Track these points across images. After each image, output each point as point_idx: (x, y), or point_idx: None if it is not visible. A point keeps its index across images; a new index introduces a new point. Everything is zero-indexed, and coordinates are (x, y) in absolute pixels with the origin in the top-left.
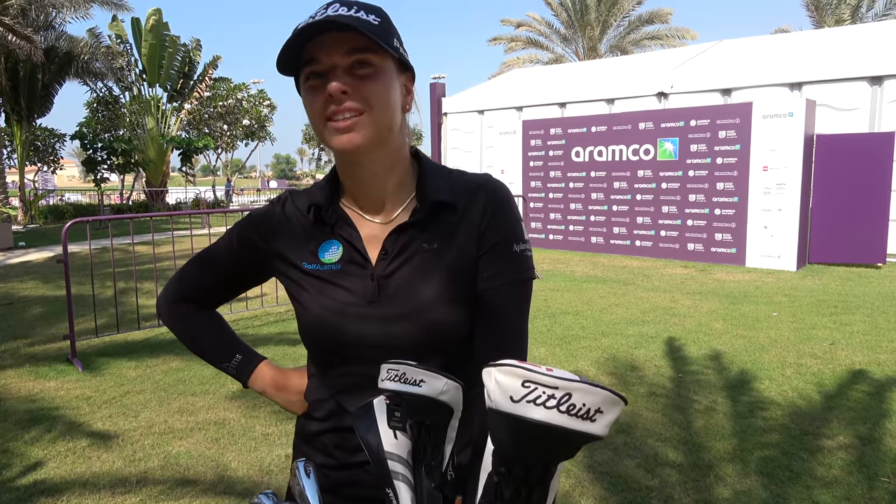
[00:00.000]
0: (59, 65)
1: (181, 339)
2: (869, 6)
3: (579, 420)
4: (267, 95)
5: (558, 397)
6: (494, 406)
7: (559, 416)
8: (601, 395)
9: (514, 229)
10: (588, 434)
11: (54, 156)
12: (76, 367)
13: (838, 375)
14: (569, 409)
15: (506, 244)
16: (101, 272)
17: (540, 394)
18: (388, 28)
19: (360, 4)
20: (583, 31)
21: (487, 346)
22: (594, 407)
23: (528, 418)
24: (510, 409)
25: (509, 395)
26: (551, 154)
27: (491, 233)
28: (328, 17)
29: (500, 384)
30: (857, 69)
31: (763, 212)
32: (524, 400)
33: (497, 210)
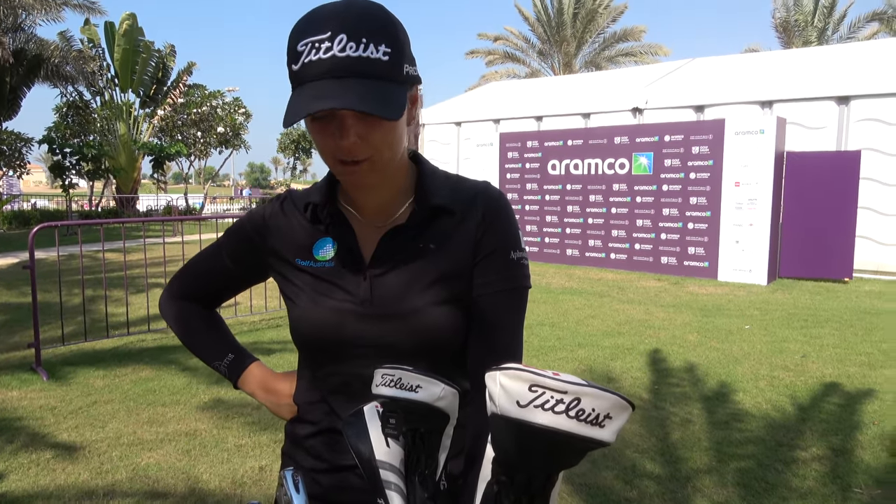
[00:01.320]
0: (27, 67)
1: (178, 336)
2: (834, 29)
3: (588, 426)
4: (242, 103)
5: (567, 402)
6: (499, 411)
7: (567, 422)
8: (610, 400)
9: (512, 237)
10: (596, 440)
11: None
12: (41, 377)
13: (810, 387)
14: (578, 414)
15: (503, 251)
16: (68, 279)
17: (548, 398)
18: (399, 53)
19: (369, 31)
20: (559, 47)
21: (481, 354)
22: (603, 412)
23: (536, 424)
24: (517, 414)
25: (516, 399)
26: (528, 167)
27: (488, 239)
28: (335, 58)
29: (506, 388)
30: (825, 89)
31: (735, 226)
32: (531, 405)
33: (495, 217)
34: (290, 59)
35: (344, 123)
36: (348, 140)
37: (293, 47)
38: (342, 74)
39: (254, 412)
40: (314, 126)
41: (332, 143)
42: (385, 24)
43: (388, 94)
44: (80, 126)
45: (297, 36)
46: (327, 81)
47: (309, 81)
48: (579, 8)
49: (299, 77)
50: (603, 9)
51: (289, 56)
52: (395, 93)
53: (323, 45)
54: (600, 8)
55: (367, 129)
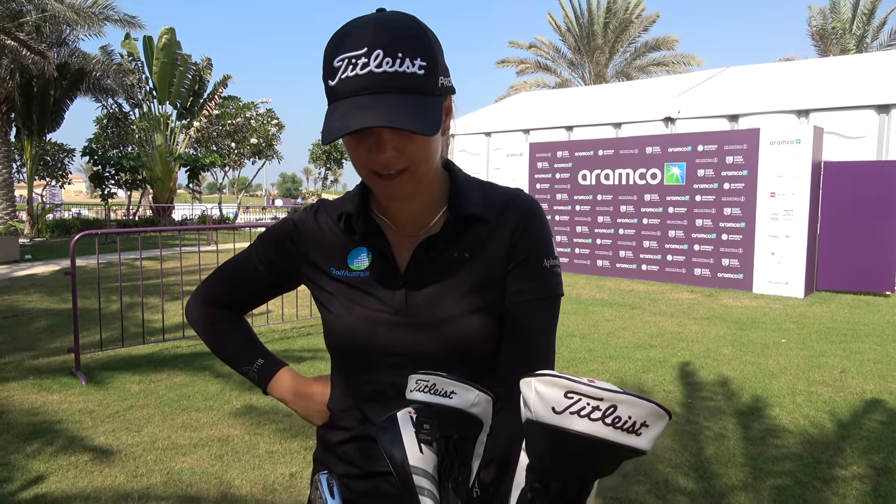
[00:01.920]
0: (71, 81)
1: (206, 342)
2: (874, 36)
3: (624, 433)
4: (275, 115)
5: (603, 409)
6: (534, 417)
7: (604, 429)
8: (647, 408)
9: (545, 245)
10: (633, 448)
11: (63, 170)
12: (80, 381)
13: (850, 404)
14: (614, 421)
15: (536, 259)
16: (107, 286)
17: (584, 405)
18: (434, 65)
19: (405, 45)
20: (590, 57)
21: (513, 362)
22: (640, 420)
23: (572, 430)
24: (552, 420)
25: (551, 406)
26: (558, 177)
27: (521, 247)
28: (372, 73)
29: (542, 395)
30: (864, 97)
31: (770, 238)
32: (567, 411)
33: (529, 225)
34: (326, 74)
35: (381, 138)
36: (385, 154)
37: (329, 63)
38: (379, 90)
39: (285, 419)
40: (350, 140)
41: (368, 157)
42: (419, 37)
43: (425, 109)
44: (120, 137)
45: (333, 51)
46: (365, 97)
47: (346, 97)
48: (610, 17)
49: (336, 92)
50: (635, 18)
51: (325, 72)
52: (431, 106)
53: (360, 60)
54: (632, 17)
55: (404, 143)
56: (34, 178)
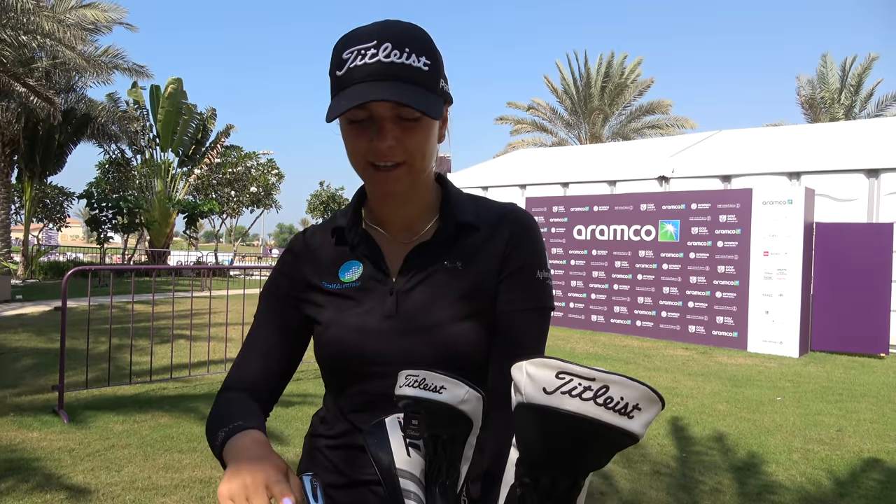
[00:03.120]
0: (76, 126)
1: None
2: (861, 107)
3: (616, 415)
4: (276, 164)
5: (595, 389)
6: (525, 399)
7: (595, 409)
8: (640, 391)
9: (538, 256)
10: (625, 431)
11: (61, 213)
12: (62, 419)
13: (848, 462)
14: (606, 401)
15: (529, 270)
16: (96, 328)
17: (575, 385)
18: (437, 68)
19: (412, 43)
20: (586, 119)
21: (503, 372)
22: (632, 402)
23: (563, 409)
24: (543, 400)
25: (542, 386)
26: (553, 231)
27: (515, 257)
28: (380, 62)
29: (533, 376)
30: (854, 162)
31: (764, 297)
32: (558, 391)
33: (523, 236)
34: (334, 67)
35: (383, 126)
36: (385, 142)
37: (338, 56)
38: (386, 77)
39: None
40: (351, 129)
41: (368, 146)
42: (426, 39)
43: (429, 98)
44: (120, 182)
45: (343, 46)
46: (372, 83)
47: (353, 84)
48: (607, 81)
49: (343, 81)
50: (630, 83)
51: (333, 65)
52: (433, 99)
53: (369, 51)
54: (628, 82)
55: (404, 134)
56: (32, 220)
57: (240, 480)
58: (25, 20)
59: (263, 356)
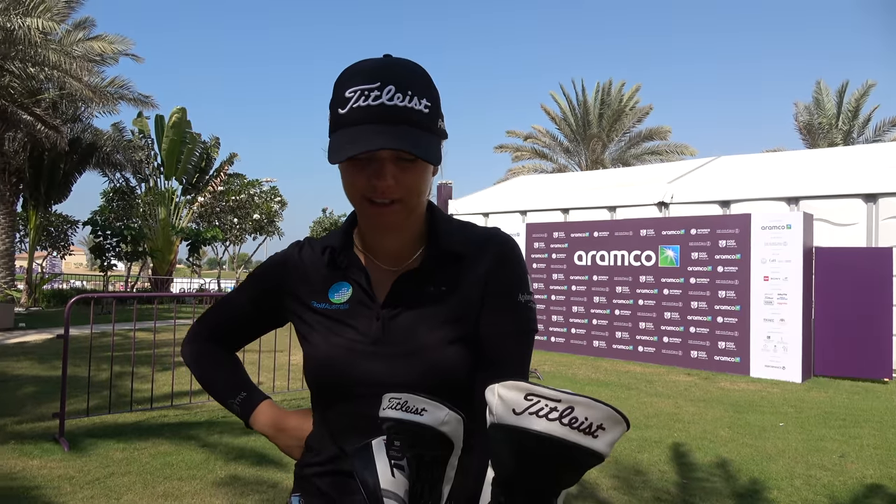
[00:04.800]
0: (81, 155)
1: (196, 377)
2: (860, 132)
3: (581, 434)
4: (279, 192)
5: (560, 409)
6: (496, 420)
7: (561, 429)
8: (603, 411)
9: (520, 280)
10: (589, 450)
11: (65, 241)
12: (62, 447)
13: (850, 488)
14: (571, 422)
15: (511, 294)
16: (98, 355)
17: (542, 406)
18: (436, 108)
19: (414, 85)
20: (586, 145)
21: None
22: (596, 422)
23: (530, 430)
24: (513, 421)
25: (512, 407)
26: (554, 257)
27: (496, 281)
28: (384, 105)
29: (504, 398)
30: (852, 187)
31: (765, 321)
32: (526, 412)
33: (504, 260)
34: (335, 103)
35: (383, 166)
36: (385, 182)
37: (340, 93)
38: (389, 121)
39: (269, 490)
40: (350, 166)
41: (366, 183)
42: (426, 81)
43: (430, 142)
44: (124, 210)
45: (345, 83)
46: (376, 126)
47: (355, 124)
48: (605, 108)
49: (345, 119)
50: (629, 110)
51: (334, 101)
52: (432, 141)
53: (372, 93)
54: (626, 109)
55: (402, 173)
56: (36, 248)
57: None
58: (33, 52)
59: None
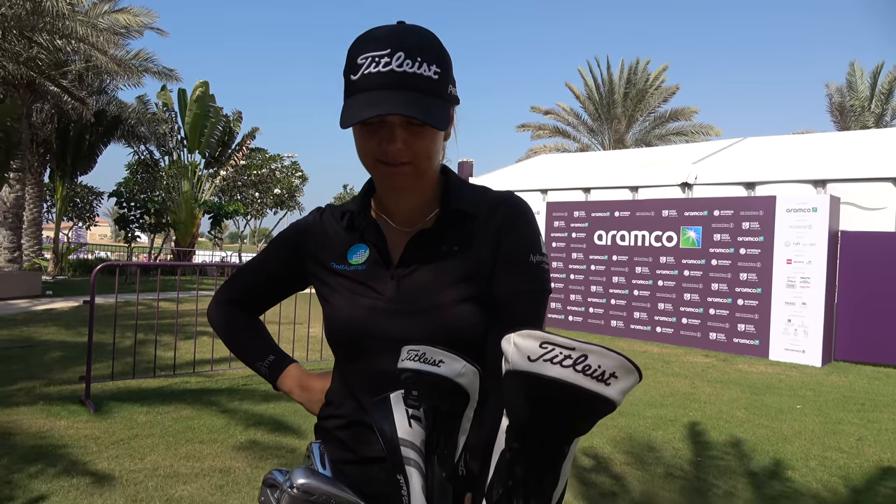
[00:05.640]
0: (106, 127)
1: (223, 339)
2: (893, 115)
3: (594, 381)
4: (300, 167)
5: (574, 357)
6: (512, 367)
7: (574, 375)
8: (616, 360)
9: (532, 240)
10: (602, 397)
11: (91, 213)
12: (88, 409)
13: (866, 471)
14: (584, 369)
15: (522, 254)
16: (122, 323)
17: (557, 354)
18: (447, 74)
19: (424, 51)
20: (609, 124)
21: (500, 353)
22: (609, 370)
23: (544, 375)
24: (527, 367)
25: (527, 355)
26: (574, 236)
27: (509, 242)
28: (393, 72)
29: (519, 346)
30: (881, 170)
31: (787, 305)
32: (541, 359)
33: (516, 221)
34: (348, 69)
35: (393, 130)
36: (395, 145)
37: (353, 60)
38: (398, 87)
39: (288, 454)
40: (362, 130)
41: (377, 147)
42: (437, 47)
43: (437, 108)
44: (148, 183)
45: (358, 50)
46: (385, 91)
47: (366, 90)
48: (630, 87)
49: (357, 86)
50: (654, 90)
51: (347, 67)
52: (442, 107)
53: (383, 59)
54: (651, 88)
55: (412, 137)
56: (62, 218)
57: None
58: (60, 24)
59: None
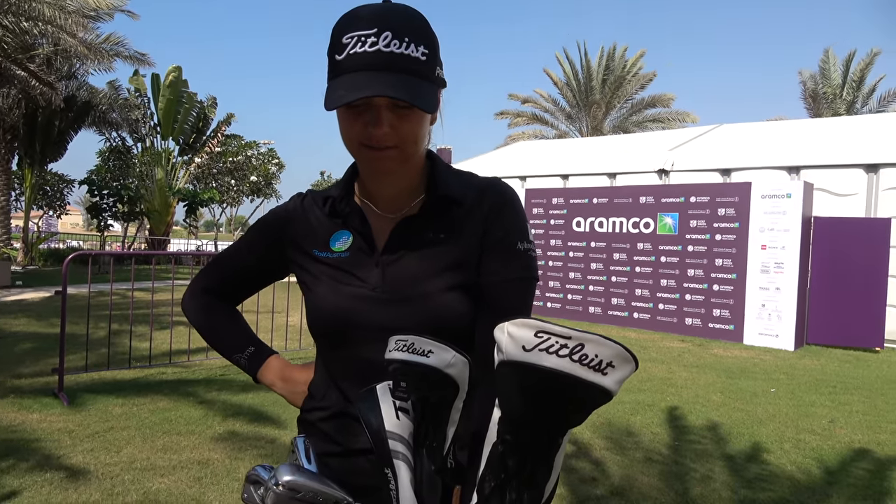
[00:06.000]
0: (76, 113)
1: (199, 331)
2: (864, 103)
3: (591, 371)
4: (276, 154)
5: (571, 346)
6: (506, 357)
7: (571, 365)
8: (613, 349)
9: (519, 228)
10: (599, 387)
11: (61, 201)
12: (61, 402)
13: (838, 452)
14: (581, 358)
15: (509, 241)
16: (96, 314)
17: (553, 343)
18: (435, 55)
19: (411, 32)
20: (587, 111)
21: (489, 341)
22: (606, 359)
23: (540, 366)
24: (522, 357)
25: (522, 344)
26: (552, 223)
27: (495, 229)
28: (380, 52)
29: (513, 335)
30: (853, 157)
31: (761, 290)
32: (537, 349)
33: (503, 208)
34: (333, 49)
35: (379, 113)
36: (381, 129)
37: (338, 39)
38: (385, 68)
39: (267, 445)
40: (347, 113)
41: (363, 130)
42: (424, 27)
43: (425, 90)
44: (121, 170)
45: (343, 29)
46: (372, 73)
47: (352, 71)
48: (608, 74)
49: (342, 66)
50: (632, 76)
51: (332, 47)
52: (430, 89)
53: (369, 39)
54: (629, 75)
55: (399, 121)
56: (32, 207)
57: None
58: (27, 6)
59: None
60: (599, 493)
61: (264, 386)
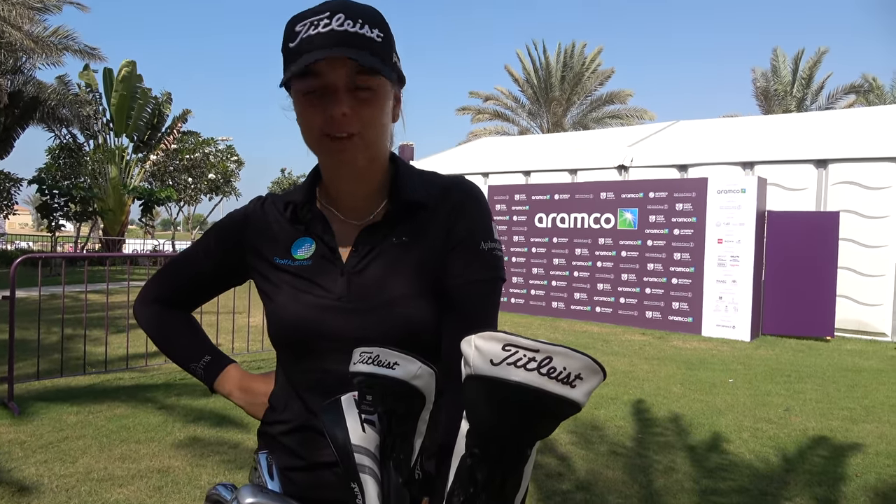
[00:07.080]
0: (23, 109)
1: (153, 340)
2: (813, 99)
3: (559, 384)
4: (235, 151)
5: (539, 360)
6: (473, 371)
7: (539, 379)
8: (581, 361)
9: (483, 227)
10: (567, 399)
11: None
12: (11, 412)
13: (794, 440)
14: (549, 371)
15: (473, 241)
16: (48, 318)
17: (521, 356)
18: (390, 42)
19: (364, 16)
20: (548, 107)
21: (454, 344)
22: (574, 372)
23: (508, 380)
24: (490, 371)
25: (489, 358)
26: (515, 219)
27: (459, 229)
28: (333, 31)
29: (481, 349)
30: (804, 152)
31: (718, 283)
32: (504, 362)
33: (466, 207)
34: (286, 41)
35: (337, 95)
36: (340, 109)
37: (290, 30)
38: (339, 44)
39: (230, 451)
40: (305, 101)
41: (323, 118)
42: (379, 17)
43: (383, 56)
44: (72, 168)
45: (295, 21)
46: (325, 50)
47: (306, 53)
48: (567, 71)
49: (296, 51)
50: (591, 73)
51: (285, 40)
52: (387, 66)
53: (321, 21)
54: (587, 72)
55: (359, 104)
56: None
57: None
58: None
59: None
60: (565, 489)
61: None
